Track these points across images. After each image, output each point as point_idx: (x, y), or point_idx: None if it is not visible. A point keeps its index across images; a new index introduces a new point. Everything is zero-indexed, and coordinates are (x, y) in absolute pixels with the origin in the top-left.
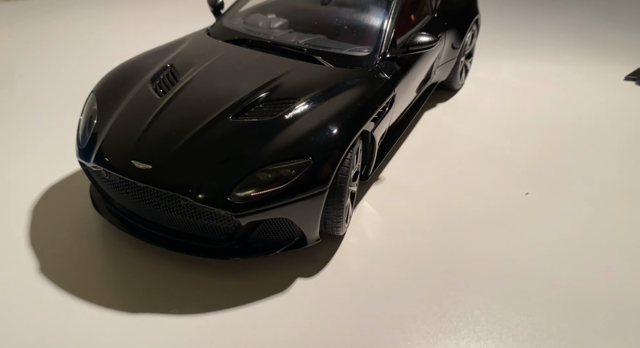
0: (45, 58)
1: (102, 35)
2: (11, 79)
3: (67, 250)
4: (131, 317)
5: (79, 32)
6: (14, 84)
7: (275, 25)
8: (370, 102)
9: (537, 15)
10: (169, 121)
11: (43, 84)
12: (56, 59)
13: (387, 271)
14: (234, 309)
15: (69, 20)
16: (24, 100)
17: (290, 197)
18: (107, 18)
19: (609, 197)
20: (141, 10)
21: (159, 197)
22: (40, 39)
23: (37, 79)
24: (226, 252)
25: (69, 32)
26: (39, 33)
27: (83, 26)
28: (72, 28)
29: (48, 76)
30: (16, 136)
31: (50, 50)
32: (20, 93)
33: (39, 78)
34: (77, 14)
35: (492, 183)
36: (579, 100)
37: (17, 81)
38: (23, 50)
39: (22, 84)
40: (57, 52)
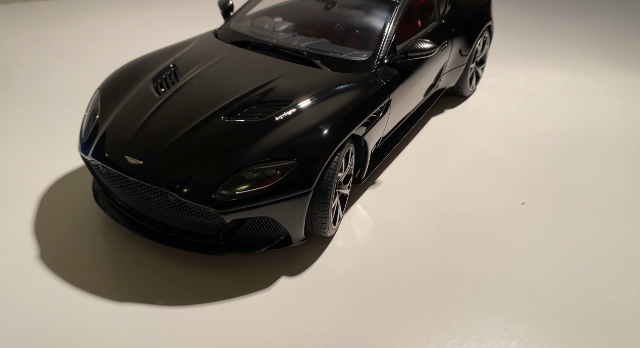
0: (53, 56)
1: (109, 33)
2: (17, 77)
3: (66, 239)
4: (118, 305)
5: (91, 30)
6: (19, 81)
7: (281, 28)
8: (362, 107)
9: (558, 21)
10: (163, 119)
11: (52, 81)
12: (63, 56)
13: (372, 275)
14: (216, 303)
15: (77, 20)
16: (34, 96)
17: (274, 196)
18: (117, 17)
19: (611, 212)
20: (149, 11)
21: (149, 192)
22: (48, 37)
23: (46, 76)
24: (212, 248)
25: (76, 31)
26: (48, 32)
27: (91, 24)
28: (79, 27)
29: (57, 73)
30: (25, 130)
31: (56, 49)
32: (28, 89)
33: (49, 75)
34: (85, 14)
35: (490, 192)
36: (595, 111)
37: (24, 79)
38: (30, 49)
39: (31, 81)
40: (63, 50)
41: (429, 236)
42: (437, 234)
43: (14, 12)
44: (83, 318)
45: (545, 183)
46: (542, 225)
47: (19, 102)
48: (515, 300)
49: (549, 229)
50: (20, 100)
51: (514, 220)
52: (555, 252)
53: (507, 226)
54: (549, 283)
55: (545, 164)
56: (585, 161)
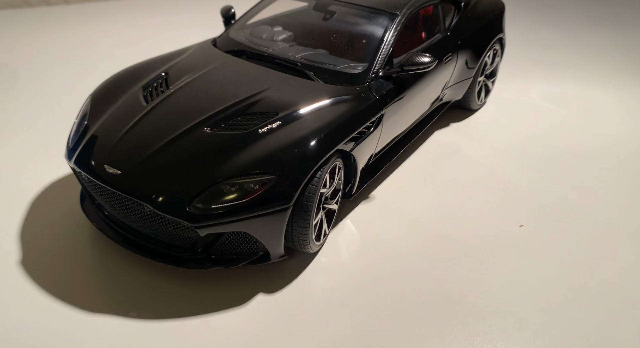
0: (60, 60)
1: (120, 38)
2: (20, 80)
3: (50, 245)
4: (90, 316)
5: (87, 37)
6: (22, 84)
7: (280, 37)
8: (350, 122)
9: (584, 32)
10: (146, 128)
11: (56, 85)
12: (71, 61)
13: (352, 297)
14: (189, 318)
15: (76, 26)
16: (35, 99)
17: (250, 212)
18: (121, 24)
19: (617, 239)
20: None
21: (126, 202)
22: (56, 42)
23: (51, 80)
24: (189, 261)
25: (76, 37)
26: (56, 37)
27: (93, 31)
28: (81, 33)
29: (62, 77)
30: (23, 132)
31: (63, 54)
32: (30, 93)
33: (53, 79)
34: (95, 19)
35: (488, 212)
36: (611, 130)
37: (27, 82)
38: (38, 53)
39: (34, 85)
40: (70, 55)
41: (418, 257)
42: (427, 256)
43: (24, 17)
44: (53, 326)
45: (548, 205)
46: (539, 250)
47: (20, 104)
48: (503, 331)
49: (547, 255)
50: (21, 103)
51: (510, 243)
52: (551, 281)
53: (501, 250)
54: (541, 316)
55: (550, 184)
56: (594, 183)
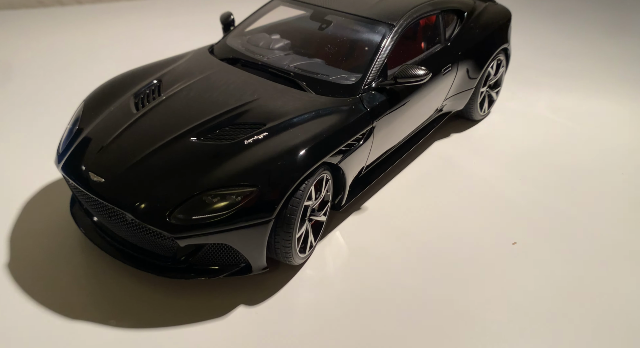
0: (62, 62)
1: (122, 40)
2: (25, 83)
3: (37, 249)
4: (69, 322)
5: (96, 38)
6: (25, 86)
7: (276, 46)
8: (338, 134)
9: (597, 40)
10: (133, 136)
11: (56, 87)
12: (74, 62)
13: (335, 312)
14: (168, 328)
15: (84, 27)
16: (35, 100)
17: (231, 224)
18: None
19: (611, 261)
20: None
21: (109, 210)
22: (54, 44)
23: (51, 81)
24: (170, 270)
25: (78, 39)
26: (49, 39)
27: (102, 32)
28: (90, 34)
29: (63, 79)
30: (21, 133)
31: (66, 55)
32: (31, 94)
33: (53, 81)
34: (104, 20)
35: (481, 227)
36: (620, 146)
37: (29, 83)
38: (41, 54)
39: (34, 86)
40: (73, 56)
41: (406, 273)
42: (415, 272)
43: (31, 17)
44: (33, 330)
45: (544, 222)
46: (531, 269)
47: (19, 104)
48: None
49: (538, 275)
50: (21, 104)
51: (501, 261)
52: (541, 302)
53: (491, 267)
54: (529, 337)
55: (549, 200)
56: (595, 201)
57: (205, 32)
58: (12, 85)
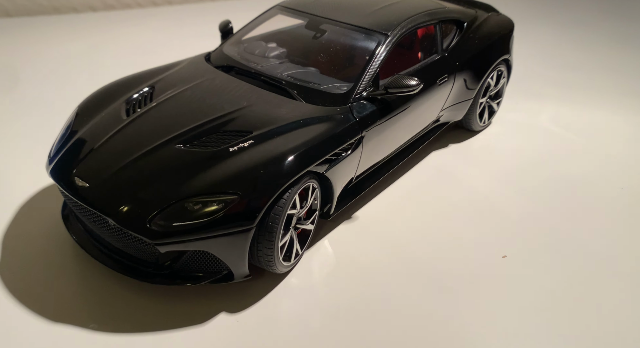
0: (71, 67)
1: (132, 47)
2: (31, 86)
3: (27, 250)
4: (50, 325)
5: (105, 45)
6: (32, 90)
7: (272, 54)
8: (325, 143)
9: (607, 52)
10: (120, 142)
11: (61, 92)
12: (82, 69)
13: (318, 322)
14: (147, 333)
15: (95, 34)
16: (39, 103)
17: (212, 231)
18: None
19: (602, 278)
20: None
21: (93, 215)
22: (65, 51)
23: (57, 86)
24: (153, 276)
25: (81, 45)
26: (52, 46)
27: (112, 39)
28: (100, 41)
29: (68, 84)
30: (23, 135)
31: (74, 62)
32: (38, 98)
33: (60, 85)
34: (116, 27)
35: (472, 240)
36: (621, 160)
37: (36, 87)
38: (43, 62)
39: (41, 90)
40: (81, 63)
41: (391, 284)
42: (402, 282)
43: (46, 23)
44: (14, 332)
45: (537, 236)
46: (518, 284)
47: (23, 108)
48: None
49: (525, 290)
50: (29, 107)
51: (489, 274)
52: (526, 316)
53: (479, 280)
54: None
55: (543, 214)
56: (591, 215)
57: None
58: (20, 89)
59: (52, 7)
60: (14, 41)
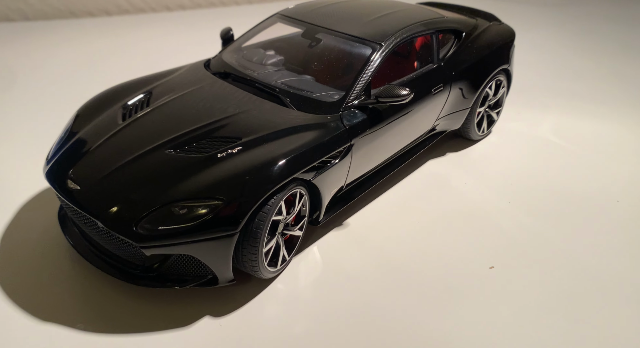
0: (80, 70)
1: (143, 52)
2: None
3: (20, 250)
4: (39, 324)
5: (99, 49)
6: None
7: (269, 61)
8: (312, 151)
9: (616, 62)
10: (113, 146)
11: (67, 94)
12: (92, 72)
13: (300, 327)
14: (131, 334)
15: (107, 38)
16: (45, 103)
17: (196, 236)
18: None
19: (590, 294)
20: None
21: (84, 217)
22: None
23: (65, 87)
24: (139, 278)
25: (85, 50)
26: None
27: (124, 42)
28: (111, 44)
29: (76, 86)
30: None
31: (81, 66)
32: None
33: (68, 87)
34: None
35: (461, 250)
36: (619, 172)
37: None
38: (54, 65)
39: (49, 91)
40: (88, 67)
41: (378, 292)
42: (387, 291)
43: (62, 27)
44: (1, 329)
45: (527, 248)
46: (503, 295)
47: (31, 109)
48: None
49: (508, 302)
50: (32, 108)
51: (475, 285)
52: (505, 331)
53: (464, 291)
54: None
55: (536, 226)
56: (584, 228)
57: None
58: (29, 90)
59: (69, 11)
60: (30, 44)
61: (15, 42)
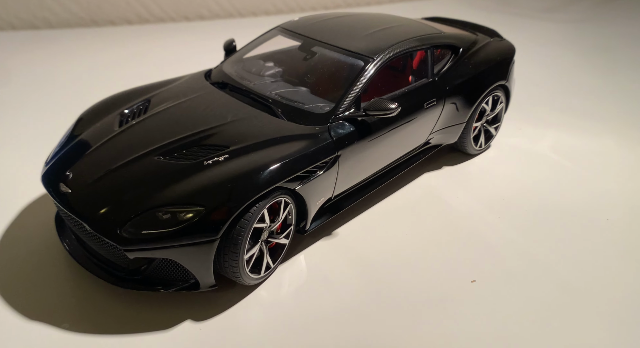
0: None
1: (131, 62)
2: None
3: (15, 250)
4: (24, 323)
5: (109, 56)
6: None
7: (267, 73)
8: (298, 161)
9: (625, 80)
10: (106, 151)
11: None
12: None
13: (279, 334)
14: (113, 336)
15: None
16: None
17: (177, 240)
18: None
19: (570, 312)
20: None
21: (74, 219)
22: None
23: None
24: (125, 280)
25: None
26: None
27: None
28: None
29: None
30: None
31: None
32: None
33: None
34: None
35: (446, 264)
36: (614, 190)
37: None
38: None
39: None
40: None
41: (359, 302)
42: (369, 302)
43: (84, 35)
44: None
45: (511, 263)
46: (482, 310)
47: (45, 113)
48: None
49: (487, 317)
50: (46, 112)
51: (456, 298)
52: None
53: (445, 304)
54: None
55: (522, 241)
56: (571, 246)
57: None
58: (46, 96)
59: (91, 20)
60: (52, 51)
61: (38, 49)
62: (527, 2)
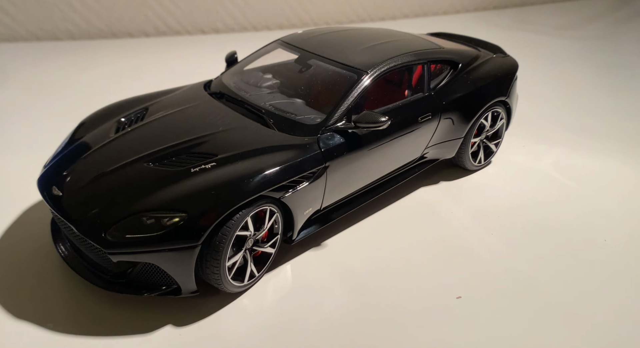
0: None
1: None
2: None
3: (12, 249)
4: (11, 320)
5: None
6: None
7: (264, 84)
8: (283, 170)
9: (635, 98)
10: (99, 157)
11: None
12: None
13: (256, 343)
14: (94, 337)
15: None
16: None
17: (159, 245)
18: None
19: (556, 333)
20: None
21: (64, 222)
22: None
23: None
24: (110, 283)
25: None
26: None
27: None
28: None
29: None
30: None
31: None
32: None
33: None
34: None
35: (433, 278)
36: (613, 211)
37: None
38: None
39: None
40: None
41: (340, 315)
42: (349, 316)
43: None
44: None
45: (500, 280)
46: (465, 326)
47: (54, 122)
48: None
49: (470, 333)
50: (55, 121)
51: (440, 313)
52: None
53: (429, 319)
54: None
55: (513, 260)
56: (564, 266)
57: None
58: (56, 105)
59: (111, 32)
60: (73, 60)
61: (58, 58)
62: (544, 19)
